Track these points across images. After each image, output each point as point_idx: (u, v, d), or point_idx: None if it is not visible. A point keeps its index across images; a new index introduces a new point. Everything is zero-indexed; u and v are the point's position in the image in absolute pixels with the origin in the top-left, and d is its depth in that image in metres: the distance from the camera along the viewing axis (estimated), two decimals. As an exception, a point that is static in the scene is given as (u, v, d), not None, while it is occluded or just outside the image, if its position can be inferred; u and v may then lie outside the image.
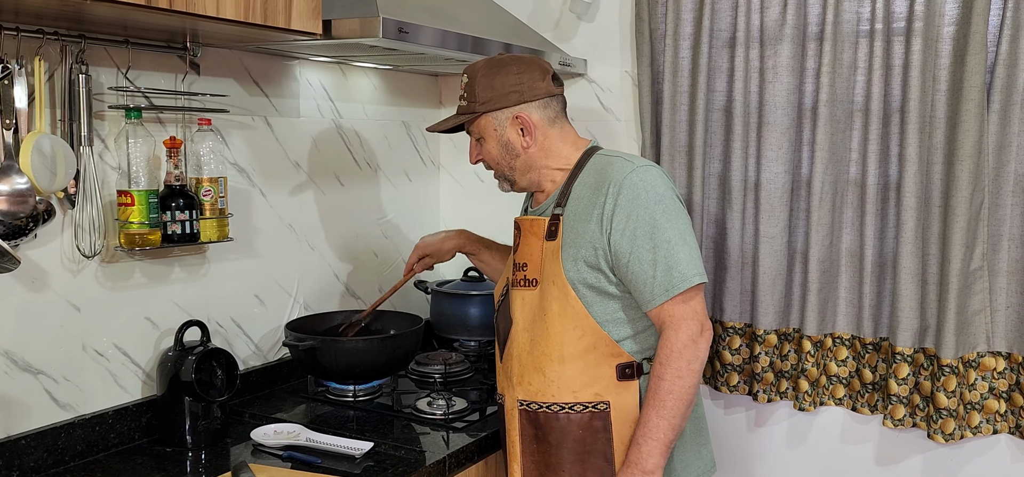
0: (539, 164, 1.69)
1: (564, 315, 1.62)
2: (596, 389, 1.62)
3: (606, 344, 1.61)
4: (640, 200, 1.57)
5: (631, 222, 1.56)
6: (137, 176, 1.74)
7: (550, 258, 1.64)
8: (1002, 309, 1.98)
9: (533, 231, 1.69)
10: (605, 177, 1.61)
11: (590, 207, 1.61)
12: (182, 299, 1.92)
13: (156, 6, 1.39)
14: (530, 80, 1.66)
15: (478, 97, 1.67)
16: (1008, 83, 1.90)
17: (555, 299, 1.63)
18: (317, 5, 1.69)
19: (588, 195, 1.62)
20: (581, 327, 1.61)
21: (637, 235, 1.56)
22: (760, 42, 2.14)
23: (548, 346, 1.64)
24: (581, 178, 1.65)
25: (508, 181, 1.74)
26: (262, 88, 2.09)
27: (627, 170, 1.60)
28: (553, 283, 1.63)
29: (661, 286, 1.55)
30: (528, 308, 1.68)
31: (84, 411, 1.74)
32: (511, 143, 1.68)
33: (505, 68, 1.66)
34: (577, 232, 1.62)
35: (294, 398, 2.10)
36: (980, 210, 1.96)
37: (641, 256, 1.56)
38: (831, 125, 2.07)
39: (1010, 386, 2.00)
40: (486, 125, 1.69)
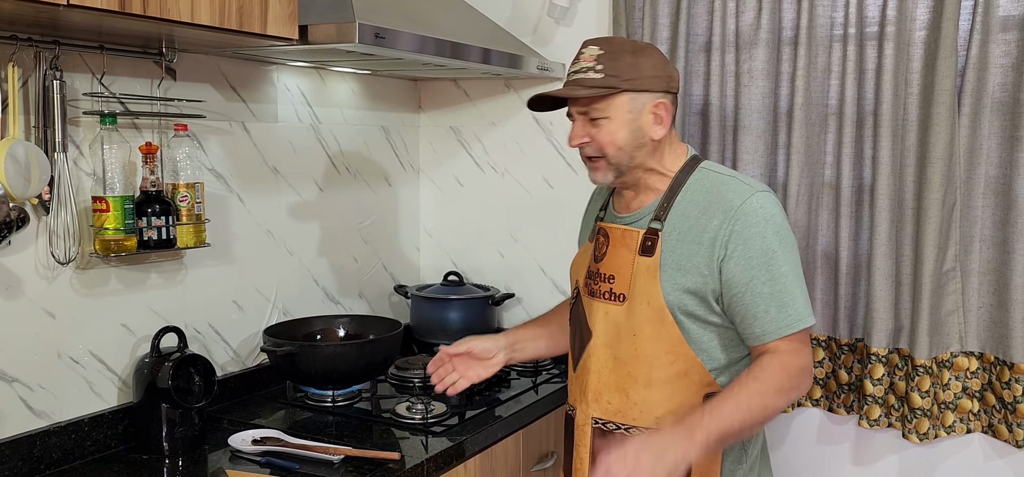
0: (654, 160, 1.58)
1: (657, 339, 1.52)
2: (680, 417, 1.49)
3: (698, 372, 1.53)
4: (759, 228, 1.47)
5: (748, 251, 1.47)
6: (112, 182, 1.73)
7: (645, 276, 1.53)
8: (974, 310, 2.01)
9: (625, 243, 1.58)
10: (719, 198, 1.51)
11: (699, 230, 1.51)
12: (159, 305, 1.92)
13: (130, 12, 1.39)
14: (671, 71, 1.57)
15: (622, 72, 1.51)
16: (978, 87, 1.93)
17: (648, 321, 1.53)
18: (293, 11, 1.69)
19: (696, 214, 1.52)
20: (674, 353, 1.52)
21: (753, 265, 1.46)
22: (735, 47, 2.16)
23: (635, 368, 1.55)
24: (686, 193, 1.55)
25: (616, 171, 1.57)
26: (239, 93, 2.08)
27: (745, 194, 1.50)
28: (648, 303, 1.53)
29: (775, 323, 1.46)
30: (612, 324, 1.58)
31: (60, 418, 1.73)
32: (642, 130, 1.54)
33: (648, 52, 1.55)
34: (681, 254, 1.51)
35: (273, 404, 2.09)
36: (952, 212, 1.98)
37: (757, 289, 1.46)
38: (806, 128, 2.10)
39: (983, 386, 2.02)
40: (621, 105, 1.53)
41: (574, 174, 2.44)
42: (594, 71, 1.53)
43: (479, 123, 2.61)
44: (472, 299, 2.49)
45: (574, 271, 1.74)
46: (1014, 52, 1.91)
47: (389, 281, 2.62)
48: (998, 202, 1.96)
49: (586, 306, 1.64)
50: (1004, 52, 1.92)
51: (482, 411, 2.03)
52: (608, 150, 1.55)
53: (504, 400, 2.12)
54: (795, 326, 1.47)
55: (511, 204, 2.59)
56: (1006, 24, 1.91)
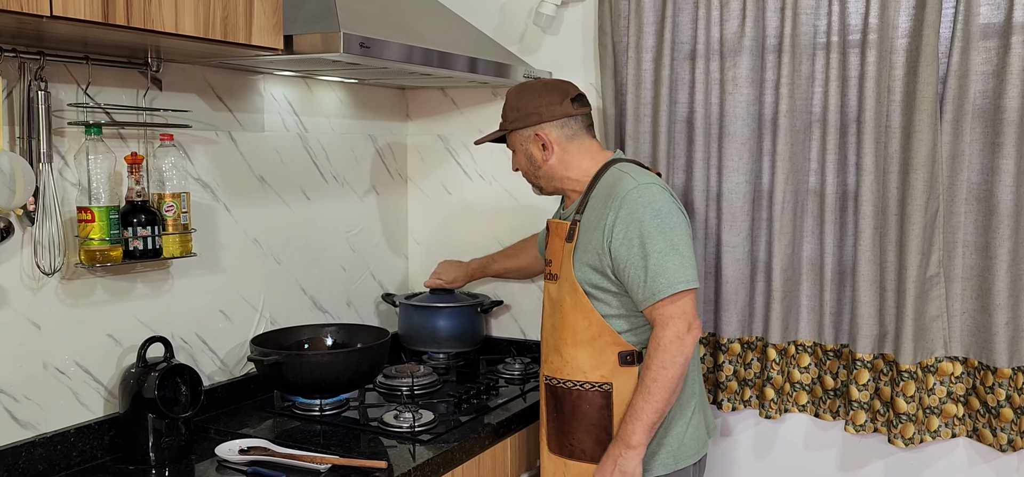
0: (559, 175, 1.92)
1: (575, 307, 1.85)
2: (602, 371, 1.84)
3: (609, 334, 1.83)
4: (637, 214, 1.76)
5: (628, 233, 1.76)
6: (98, 192, 1.73)
7: (567, 258, 1.87)
8: (958, 315, 2.02)
9: (558, 233, 1.93)
10: (613, 190, 1.81)
11: (599, 217, 1.81)
12: (145, 315, 1.91)
13: (114, 23, 1.39)
14: (549, 103, 1.88)
15: (507, 116, 1.94)
16: (959, 94, 1.95)
17: (568, 293, 1.86)
18: (278, 21, 1.70)
19: (599, 206, 1.83)
20: (588, 318, 1.84)
21: (632, 244, 1.76)
22: (720, 54, 2.17)
23: (564, 332, 1.88)
24: (596, 189, 1.86)
25: (537, 188, 2.00)
26: (225, 103, 2.09)
27: (631, 186, 1.79)
28: (567, 279, 1.87)
29: (650, 290, 1.75)
30: (550, 298, 1.94)
31: (45, 429, 1.72)
32: (533, 157, 1.92)
33: (529, 92, 1.91)
34: (587, 238, 1.83)
35: (260, 413, 2.09)
36: (935, 218, 2.00)
37: (635, 262, 1.76)
38: (791, 135, 2.11)
39: (967, 390, 2.04)
40: (515, 140, 1.95)
41: (561, 182, 2.45)
42: (502, 115, 1.97)
43: (467, 131, 2.61)
44: (461, 307, 2.49)
45: None
46: (994, 59, 1.93)
47: (377, 289, 2.62)
48: (980, 208, 1.97)
49: (544, 286, 2.01)
50: (985, 59, 1.94)
51: (470, 419, 2.03)
52: (524, 174, 1.98)
53: (492, 408, 2.12)
54: (666, 291, 1.73)
55: (499, 212, 2.60)
56: (986, 32, 1.93)
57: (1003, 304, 1.93)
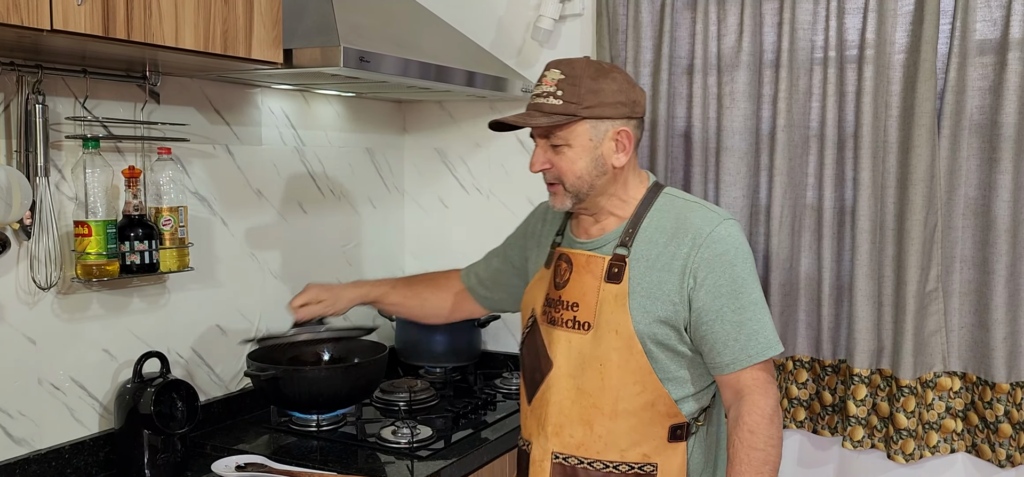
0: (613, 190, 1.55)
1: (625, 368, 1.49)
2: (645, 449, 1.51)
3: (665, 403, 1.50)
4: (728, 256, 1.47)
5: (718, 279, 1.46)
6: (95, 206, 1.71)
7: (613, 304, 1.50)
8: (956, 330, 2.02)
9: (589, 269, 1.54)
10: (686, 225, 1.50)
11: (669, 256, 1.49)
12: (141, 330, 1.90)
13: (114, 37, 1.38)
14: (635, 95, 1.53)
15: (582, 99, 1.48)
16: (957, 109, 1.96)
17: (616, 350, 1.49)
18: (278, 34, 1.69)
19: (664, 241, 1.50)
20: (642, 383, 1.49)
21: (722, 294, 1.46)
22: (718, 69, 2.18)
23: (601, 398, 1.51)
24: (651, 219, 1.53)
25: (575, 197, 1.54)
26: (223, 116, 2.08)
27: (713, 221, 1.49)
28: (616, 332, 1.49)
29: (744, 352, 1.46)
30: (576, 353, 1.54)
31: (40, 446, 1.71)
32: (602, 159, 1.51)
33: (612, 75, 1.51)
34: (650, 281, 1.49)
35: (257, 428, 2.07)
36: (934, 232, 2.00)
37: (726, 316, 1.46)
38: (789, 150, 2.11)
39: (966, 405, 2.04)
40: (581, 132, 1.49)
41: (559, 196, 2.45)
42: (554, 96, 1.49)
43: (464, 145, 2.61)
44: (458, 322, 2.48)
45: (528, 299, 1.68)
46: (991, 75, 1.94)
47: (374, 303, 2.61)
48: (978, 223, 1.98)
49: (545, 335, 1.59)
50: (981, 75, 1.95)
51: (468, 434, 2.02)
52: (567, 178, 1.52)
53: (491, 423, 2.11)
54: (763, 354, 1.47)
55: (496, 225, 2.58)
56: (983, 48, 1.94)
57: (1001, 319, 1.93)
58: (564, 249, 1.61)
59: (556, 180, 1.54)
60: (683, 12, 2.22)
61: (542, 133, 1.53)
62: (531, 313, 1.66)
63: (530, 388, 1.63)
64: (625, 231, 1.54)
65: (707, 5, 2.16)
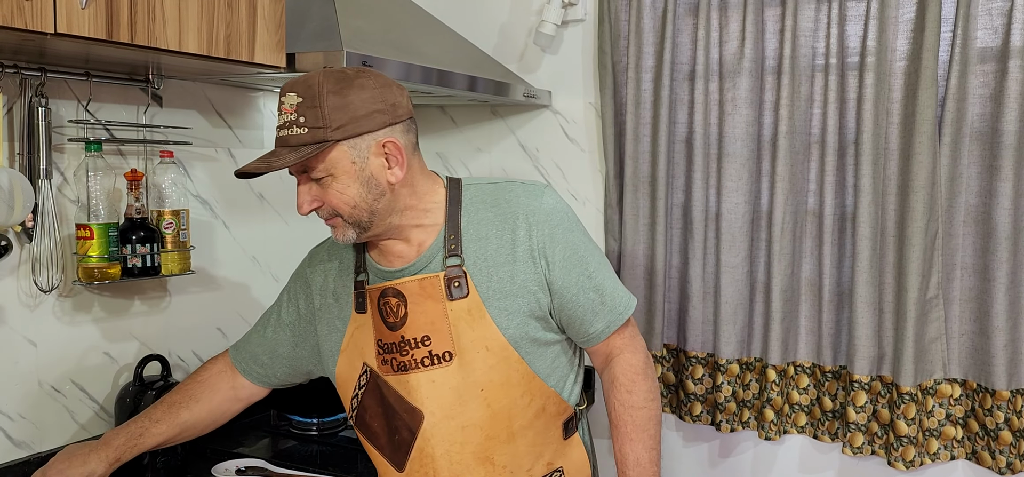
0: (403, 204, 1.36)
1: (508, 383, 1.35)
2: (547, 458, 1.41)
3: (553, 402, 1.40)
4: (564, 224, 1.37)
5: (565, 252, 1.36)
6: (97, 209, 1.72)
7: (469, 320, 1.34)
8: (956, 337, 2.02)
9: (428, 293, 1.35)
10: (510, 207, 1.37)
11: (508, 244, 1.35)
12: (142, 333, 1.90)
13: (118, 41, 1.38)
14: (393, 97, 1.32)
15: (329, 120, 1.27)
16: (958, 117, 1.96)
17: (493, 367, 1.34)
18: (280, 39, 1.70)
19: (493, 233, 1.35)
20: (530, 391, 1.37)
21: (573, 266, 1.36)
22: (719, 75, 2.18)
23: (493, 426, 1.36)
24: (469, 215, 1.37)
25: (360, 228, 1.35)
26: (225, 119, 2.08)
27: (535, 194, 1.38)
28: (486, 349, 1.34)
29: (613, 315, 1.40)
30: (445, 390, 1.35)
31: (40, 449, 1.71)
32: (375, 179, 1.31)
33: (359, 82, 1.30)
34: (501, 279, 1.35)
35: (256, 432, 2.07)
36: (935, 240, 2.00)
37: (584, 286, 1.37)
38: (790, 156, 2.12)
39: (966, 413, 2.04)
40: (339, 158, 1.29)
41: (560, 201, 2.45)
42: (297, 125, 1.28)
43: (465, 149, 2.61)
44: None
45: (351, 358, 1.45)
46: (992, 83, 1.94)
47: (374, 307, 2.61)
48: (978, 230, 1.98)
49: (398, 386, 1.39)
50: (982, 83, 1.95)
51: (468, 439, 2.02)
52: (342, 210, 1.33)
53: (490, 428, 2.11)
54: (628, 311, 1.41)
55: (497, 230, 2.59)
56: (984, 56, 1.94)
57: (1002, 326, 1.93)
58: (382, 284, 1.39)
59: (332, 215, 1.35)
60: (685, 18, 2.23)
61: (299, 169, 1.32)
62: (363, 369, 1.43)
63: (397, 453, 1.41)
64: (446, 239, 1.36)
65: (709, 11, 2.16)
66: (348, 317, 1.47)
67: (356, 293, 1.43)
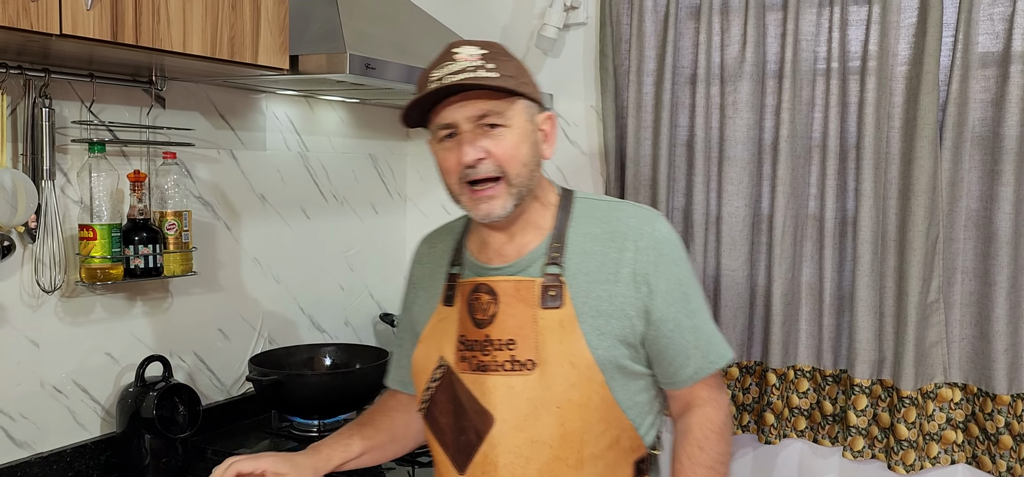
0: (536, 193, 1.34)
1: (587, 406, 1.27)
2: None
3: (629, 437, 1.31)
4: (673, 256, 1.30)
5: (670, 284, 1.29)
6: (100, 210, 1.72)
7: (559, 333, 1.27)
8: (957, 341, 2.03)
9: (520, 296, 1.29)
10: (621, 227, 1.31)
11: (612, 264, 1.29)
12: (144, 334, 1.90)
13: (123, 42, 1.39)
14: None
15: (518, 75, 1.27)
16: (959, 121, 1.97)
17: (574, 386, 1.27)
18: (284, 41, 1.70)
19: (599, 249, 1.30)
20: (607, 419, 1.28)
21: (675, 299, 1.29)
22: (721, 79, 2.19)
23: (563, 448, 1.27)
24: (577, 226, 1.32)
25: (516, 197, 1.28)
26: (228, 121, 2.08)
27: (649, 219, 1.33)
28: (571, 365, 1.27)
29: (706, 360, 1.31)
30: (522, 400, 1.28)
31: (41, 449, 1.71)
32: (537, 147, 1.30)
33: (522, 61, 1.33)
34: (598, 297, 1.28)
35: (258, 433, 2.07)
36: (935, 244, 2.01)
37: (683, 324, 1.29)
38: (791, 160, 2.12)
39: (966, 417, 2.04)
40: (520, 113, 1.26)
41: (561, 204, 2.45)
42: (485, 69, 1.22)
43: (466, 152, 2.61)
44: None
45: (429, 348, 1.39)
46: (993, 88, 1.94)
47: (375, 309, 2.61)
48: (979, 235, 1.99)
49: (473, 385, 1.32)
50: (984, 88, 1.96)
51: (469, 441, 2.02)
52: (511, 167, 1.26)
53: (491, 430, 2.11)
54: (722, 361, 1.33)
55: (498, 233, 2.60)
56: (985, 60, 1.95)
57: (1002, 331, 1.94)
58: (477, 279, 1.34)
59: (495, 173, 1.26)
60: (686, 22, 2.23)
61: (473, 115, 1.24)
62: (439, 362, 1.36)
63: (460, 455, 1.34)
64: (550, 245, 1.31)
65: (710, 16, 2.17)
66: (434, 307, 1.42)
67: (447, 285, 1.38)
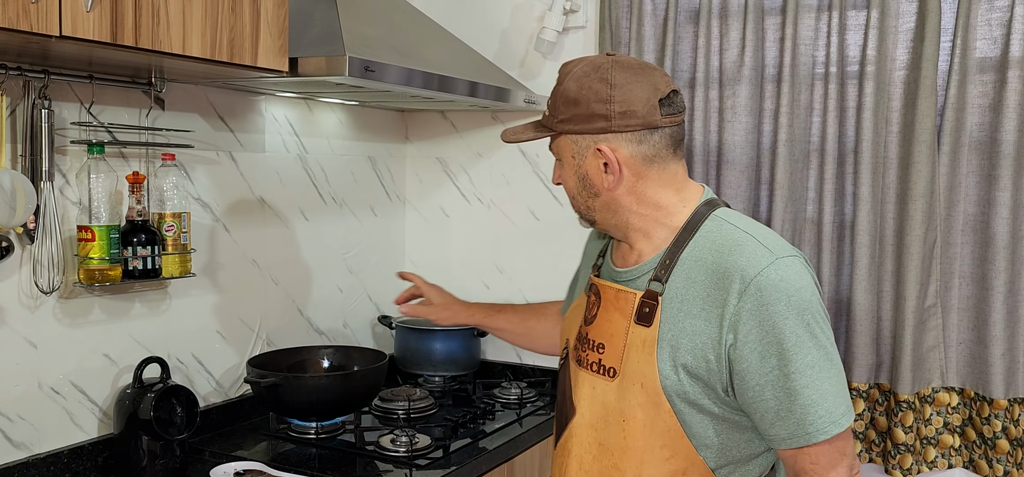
0: (627, 208, 1.30)
1: (651, 428, 1.25)
2: None
3: (699, 471, 1.25)
4: (777, 308, 1.17)
5: (766, 337, 1.18)
6: (98, 211, 1.72)
7: (640, 351, 1.26)
8: (954, 345, 2.03)
9: (618, 306, 1.30)
10: (729, 262, 1.21)
11: (704, 299, 1.22)
12: (142, 335, 1.90)
13: (122, 44, 1.39)
14: (627, 103, 1.24)
15: (558, 111, 1.29)
16: (957, 126, 1.97)
17: (641, 406, 1.26)
18: (284, 43, 1.70)
19: (703, 279, 1.23)
20: (671, 447, 1.25)
21: (769, 355, 1.18)
22: (719, 83, 2.19)
23: (623, 460, 1.28)
24: (693, 250, 1.26)
25: (585, 219, 1.37)
26: (227, 123, 2.08)
27: (763, 261, 1.19)
28: (641, 386, 1.26)
29: (800, 428, 1.18)
30: (599, 402, 1.32)
31: (39, 450, 1.71)
32: (589, 179, 1.30)
33: (598, 80, 1.26)
34: (682, 327, 1.23)
35: (255, 435, 2.07)
36: (933, 248, 2.01)
37: (773, 382, 1.18)
38: (789, 164, 2.12)
39: (963, 421, 2.05)
40: (564, 147, 1.31)
41: (560, 206, 2.46)
42: (546, 104, 1.34)
43: (465, 154, 2.62)
44: (457, 330, 2.49)
45: (566, 328, 1.49)
46: (991, 93, 1.95)
47: (373, 311, 2.61)
48: (977, 239, 1.99)
49: (572, 375, 1.39)
50: (981, 93, 1.96)
51: (467, 444, 2.02)
52: (567, 194, 1.36)
53: (489, 433, 2.11)
54: (824, 433, 1.18)
55: (497, 235, 2.60)
56: (983, 66, 1.96)
57: (999, 335, 1.94)
58: (596, 280, 1.39)
59: None
60: (685, 26, 2.24)
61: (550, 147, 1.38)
62: (565, 345, 1.46)
63: (557, 430, 1.44)
64: (661, 262, 1.27)
65: (709, 20, 2.17)
66: (578, 292, 1.52)
67: (592, 275, 1.43)
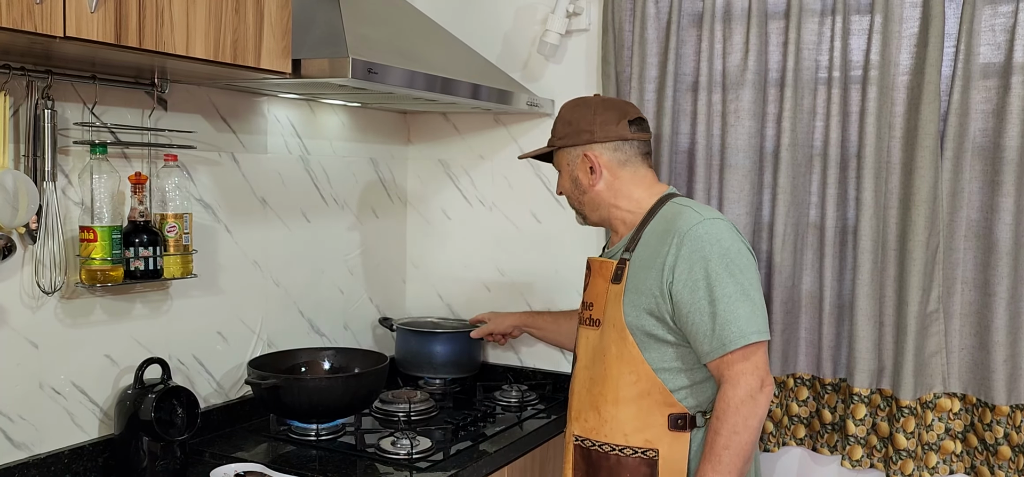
0: (606, 203, 1.76)
1: (621, 358, 1.67)
2: (647, 435, 1.66)
3: (659, 392, 1.64)
4: (703, 252, 1.58)
5: (692, 273, 1.58)
6: (101, 212, 1.72)
7: (613, 301, 1.69)
8: (956, 351, 2.03)
9: (601, 273, 1.75)
10: (672, 226, 1.64)
11: (654, 255, 1.64)
12: (143, 336, 1.90)
13: (126, 45, 1.39)
14: (603, 122, 1.73)
15: (556, 132, 1.80)
16: (960, 131, 1.97)
17: (614, 342, 1.68)
18: (287, 45, 1.70)
19: (655, 243, 1.66)
20: (636, 372, 1.65)
21: (697, 287, 1.57)
22: (722, 87, 2.19)
23: (604, 387, 1.69)
24: (651, 225, 1.69)
25: (580, 215, 1.84)
26: (229, 124, 2.08)
27: (694, 221, 1.62)
28: (613, 326, 1.68)
29: (718, 340, 1.56)
30: (590, 347, 1.75)
31: (39, 450, 1.71)
32: (579, 180, 1.77)
33: (583, 107, 1.77)
34: (640, 279, 1.65)
35: (256, 437, 2.07)
36: (936, 254, 2.01)
37: (701, 307, 1.57)
38: (792, 169, 2.12)
39: (965, 427, 2.04)
40: (561, 160, 1.80)
41: (561, 209, 2.45)
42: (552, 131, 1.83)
43: (468, 157, 2.62)
44: (458, 333, 2.49)
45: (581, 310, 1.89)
46: (994, 98, 1.95)
47: (374, 313, 2.61)
48: (979, 245, 1.99)
49: (578, 333, 1.83)
50: (985, 98, 1.96)
51: (467, 446, 2.02)
52: (566, 197, 1.83)
53: (490, 435, 2.11)
54: (738, 342, 1.55)
55: (498, 238, 2.60)
56: (986, 71, 1.95)
57: (1002, 341, 1.94)
58: (590, 258, 1.84)
59: None
60: (689, 30, 2.24)
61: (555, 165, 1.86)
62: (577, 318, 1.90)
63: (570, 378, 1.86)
64: (631, 238, 1.72)
65: (713, 23, 2.17)
66: None
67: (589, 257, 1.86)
